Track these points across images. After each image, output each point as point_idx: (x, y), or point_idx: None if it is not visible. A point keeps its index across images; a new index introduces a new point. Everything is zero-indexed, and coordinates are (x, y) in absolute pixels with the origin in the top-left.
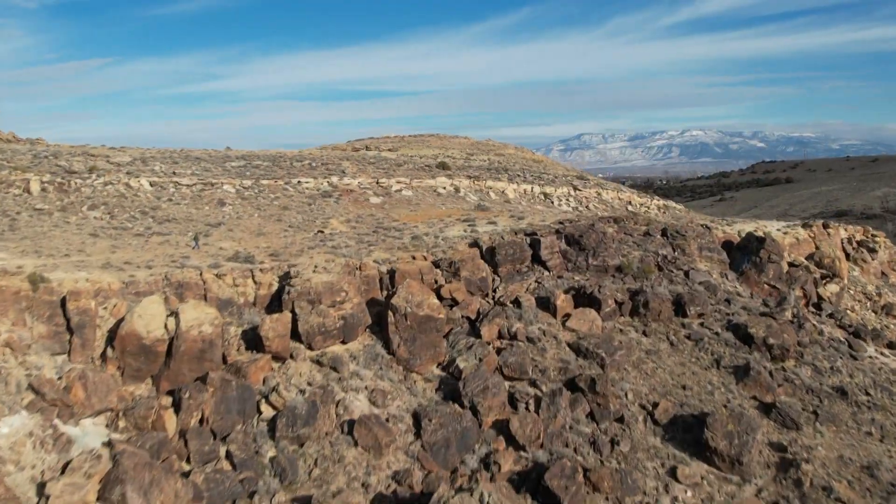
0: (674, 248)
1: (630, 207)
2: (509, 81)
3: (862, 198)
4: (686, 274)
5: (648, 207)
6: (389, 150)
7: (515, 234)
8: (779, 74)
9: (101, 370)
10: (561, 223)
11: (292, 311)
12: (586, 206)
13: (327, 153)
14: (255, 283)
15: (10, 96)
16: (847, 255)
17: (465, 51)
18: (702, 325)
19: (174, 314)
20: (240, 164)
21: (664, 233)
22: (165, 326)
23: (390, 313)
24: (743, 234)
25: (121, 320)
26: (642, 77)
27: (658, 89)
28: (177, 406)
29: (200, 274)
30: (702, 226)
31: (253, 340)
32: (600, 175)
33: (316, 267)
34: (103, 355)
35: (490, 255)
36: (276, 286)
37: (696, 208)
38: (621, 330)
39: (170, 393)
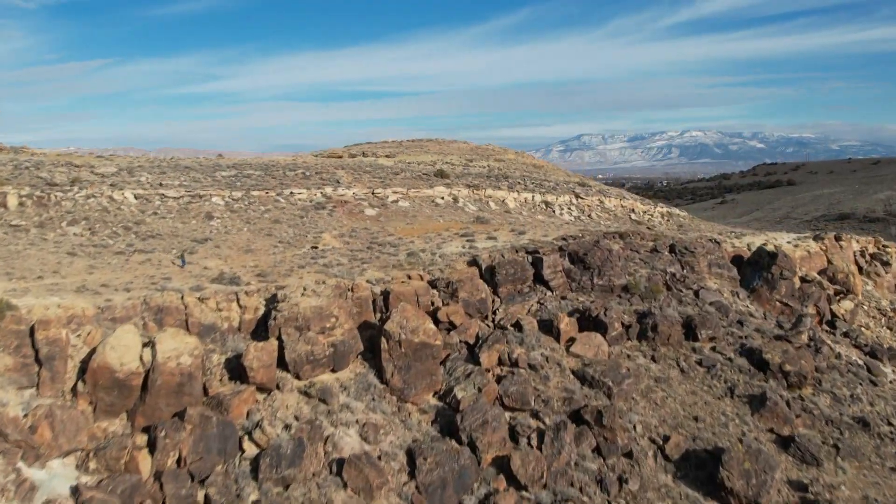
0: (682, 265)
1: (633, 216)
2: (509, 82)
3: (864, 201)
4: (696, 293)
5: (652, 215)
6: (387, 156)
7: (516, 251)
8: (778, 75)
9: (72, 406)
10: (564, 239)
11: (279, 339)
12: (588, 215)
13: (322, 161)
14: (240, 306)
15: (11, 97)
16: (860, 269)
17: (466, 51)
18: (713, 349)
19: (150, 344)
20: (230, 174)
21: (672, 249)
22: (140, 358)
23: (383, 340)
24: (753, 248)
25: (94, 350)
26: (642, 78)
27: (658, 90)
28: (152, 445)
29: (182, 297)
30: (711, 240)
31: (237, 369)
32: (600, 175)
33: (305, 289)
34: (74, 389)
35: (490, 275)
36: (262, 310)
37: (698, 211)
38: (629, 355)
39: (146, 430)
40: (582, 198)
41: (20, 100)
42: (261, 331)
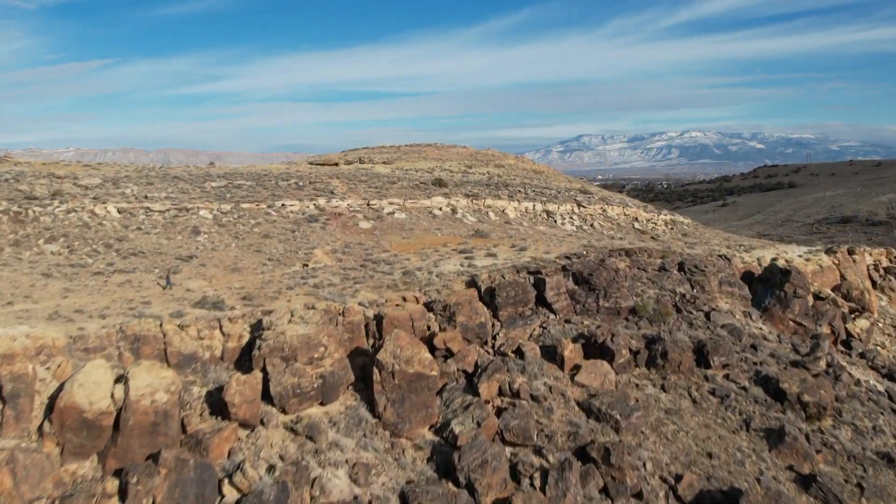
0: (692, 284)
1: (636, 224)
2: (509, 83)
3: (867, 203)
4: (707, 315)
5: (656, 224)
6: (384, 162)
7: (518, 271)
8: (778, 75)
9: (37, 448)
10: (568, 258)
11: (263, 370)
12: (591, 225)
13: (316, 169)
14: (223, 334)
15: (11, 97)
16: (874, 284)
17: (466, 52)
18: (727, 377)
19: (123, 380)
20: (220, 185)
21: (681, 267)
22: (112, 396)
23: (376, 371)
24: (763, 263)
25: (62, 386)
26: (642, 78)
27: (657, 90)
28: (123, 492)
29: (160, 325)
30: (721, 257)
31: (218, 404)
32: (600, 176)
33: (292, 316)
34: (41, 429)
35: (489, 297)
36: (246, 338)
37: (699, 214)
38: (637, 385)
39: (118, 473)
40: (584, 206)
41: (21, 100)
42: (245, 360)
